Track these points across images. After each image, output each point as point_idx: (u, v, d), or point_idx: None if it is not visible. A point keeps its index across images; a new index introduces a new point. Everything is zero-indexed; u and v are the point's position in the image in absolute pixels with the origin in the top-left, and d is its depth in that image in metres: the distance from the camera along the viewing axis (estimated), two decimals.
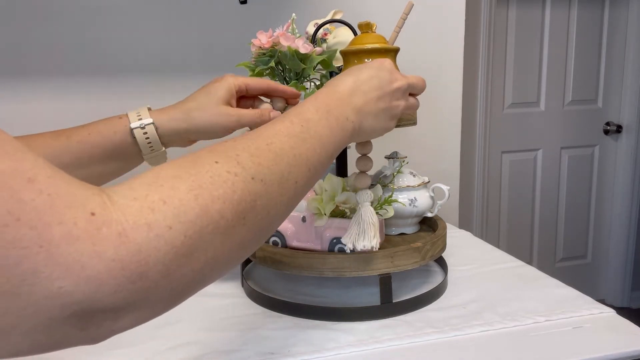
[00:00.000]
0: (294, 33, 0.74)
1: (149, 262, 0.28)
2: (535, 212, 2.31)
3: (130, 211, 0.28)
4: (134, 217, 0.28)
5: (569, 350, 0.57)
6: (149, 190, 0.30)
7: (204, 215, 0.31)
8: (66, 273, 0.25)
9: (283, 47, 0.68)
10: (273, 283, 0.79)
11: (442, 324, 0.63)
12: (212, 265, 0.32)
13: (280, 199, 0.38)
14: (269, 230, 0.39)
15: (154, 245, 0.28)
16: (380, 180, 0.82)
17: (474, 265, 0.83)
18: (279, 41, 0.68)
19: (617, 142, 2.33)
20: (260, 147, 0.38)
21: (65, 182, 0.27)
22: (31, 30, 0.96)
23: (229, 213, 0.33)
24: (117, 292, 0.26)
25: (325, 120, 0.46)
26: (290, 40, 0.68)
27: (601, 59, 2.25)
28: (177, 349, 0.60)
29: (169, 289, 0.30)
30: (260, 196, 0.36)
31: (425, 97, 1.22)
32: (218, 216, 0.32)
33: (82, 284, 0.25)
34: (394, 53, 0.68)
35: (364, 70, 0.53)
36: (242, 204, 0.34)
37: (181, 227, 0.29)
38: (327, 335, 0.62)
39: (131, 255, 0.27)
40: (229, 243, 0.33)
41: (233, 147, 0.37)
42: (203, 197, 0.31)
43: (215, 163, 0.34)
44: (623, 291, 2.42)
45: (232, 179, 0.34)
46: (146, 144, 0.58)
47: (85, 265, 0.25)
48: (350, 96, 0.50)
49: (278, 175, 0.38)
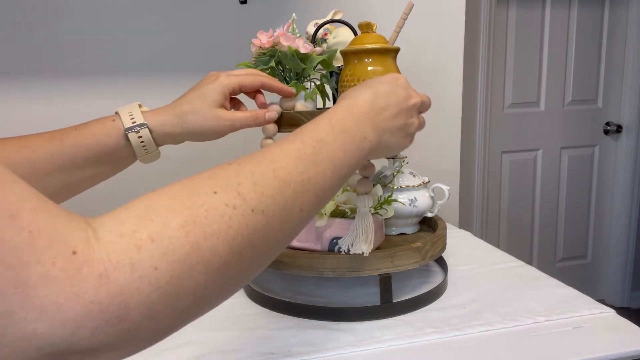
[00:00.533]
0: (294, 33, 0.74)
1: (129, 305, 0.26)
2: (535, 212, 2.31)
3: (114, 249, 0.26)
4: (118, 256, 0.26)
5: (569, 350, 0.57)
6: (138, 225, 0.28)
7: (194, 253, 0.29)
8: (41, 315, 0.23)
9: (283, 47, 0.68)
10: (273, 283, 0.79)
11: (442, 324, 0.63)
12: (199, 303, 0.31)
13: (282, 228, 0.36)
14: (267, 261, 0.37)
15: (137, 286, 0.26)
16: (380, 180, 0.82)
17: (474, 265, 0.83)
18: (279, 41, 0.68)
19: (617, 142, 2.33)
20: (266, 173, 0.36)
21: (50, 216, 0.25)
22: (31, 30, 0.96)
23: (222, 250, 0.31)
24: (95, 334, 0.25)
25: (340, 141, 0.43)
26: (291, 40, 0.68)
27: (601, 59, 2.25)
28: (177, 349, 0.60)
29: (152, 330, 0.28)
30: (259, 229, 0.33)
31: None
32: (210, 254, 0.30)
33: (57, 326, 0.24)
34: (394, 53, 0.68)
35: (381, 84, 0.51)
36: (238, 238, 0.32)
37: (168, 267, 0.28)
38: (327, 335, 0.62)
39: (111, 297, 0.25)
40: (221, 281, 0.31)
41: (236, 173, 0.34)
42: (195, 234, 0.29)
43: (213, 194, 0.32)
44: (623, 291, 2.42)
45: (229, 212, 0.31)
46: (140, 147, 0.57)
47: (61, 308, 0.24)
48: (369, 112, 0.48)
49: (282, 204, 0.35)
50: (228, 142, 0.71)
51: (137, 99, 0.61)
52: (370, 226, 0.63)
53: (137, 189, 0.48)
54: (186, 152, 0.79)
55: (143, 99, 0.62)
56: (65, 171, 0.54)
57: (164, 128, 0.58)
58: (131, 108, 0.58)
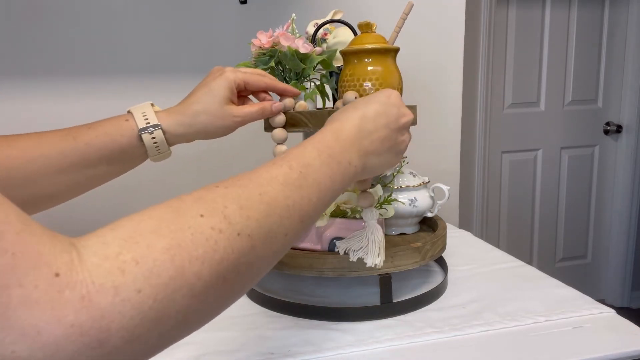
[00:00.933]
0: (294, 33, 0.74)
1: (111, 329, 0.26)
2: (535, 212, 2.31)
3: (98, 272, 0.26)
4: (101, 279, 0.26)
5: (569, 350, 0.57)
6: (123, 247, 0.28)
7: (178, 277, 0.29)
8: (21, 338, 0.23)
9: (283, 47, 0.68)
10: (273, 283, 0.79)
11: (442, 324, 0.63)
12: (181, 327, 0.30)
13: (267, 252, 0.36)
14: (250, 285, 0.36)
15: (119, 310, 0.26)
16: (380, 180, 0.82)
17: (474, 265, 0.83)
18: (279, 41, 0.68)
19: (617, 142, 2.33)
20: (252, 197, 0.36)
21: (34, 237, 0.25)
22: (31, 30, 0.96)
23: (207, 274, 0.30)
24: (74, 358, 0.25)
25: (326, 167, 0.43)
26: (290, 40, 0.68)
27: (601, 59, 2.25)
28: (177, 349, 0.60)
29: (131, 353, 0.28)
30: (244, 253, 0.33)
31: (425, 97, 1.22)
32: (194, 278, 0.30)
33: (37, 349, 0.24)
34: (393, 53, 0.68)
35: (371, 104, 0.51)
36: (223, 263, 0.31)
37: (151, 291, 0.27)
38: (327, 335, 0.62)
39: (92, 320, 0.25)
40: (204, 304, 0.31)
41: (223, 196, 0.34)
42: (180, 258, 0.29)
43: (200, 216, 0.32)
44: (623, 291, 2.42)
45: (215, 236, 0.31)
46: (153, 147, 0.57)
47: (41, 331, 0.24)
48: (356, 138, 0.48)
49: (267, 228, 0.36)
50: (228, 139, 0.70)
51: (137, 99, 0.61)
52: (381, 238, 0.62)
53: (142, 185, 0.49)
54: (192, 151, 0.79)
55: (143, 99, 0.62)
56: (77, 169, 0.55)
57: (177, 129, 0.58)
58: (144, 108, 0.58)
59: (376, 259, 0.61)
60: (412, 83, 1.16)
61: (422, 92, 1.17)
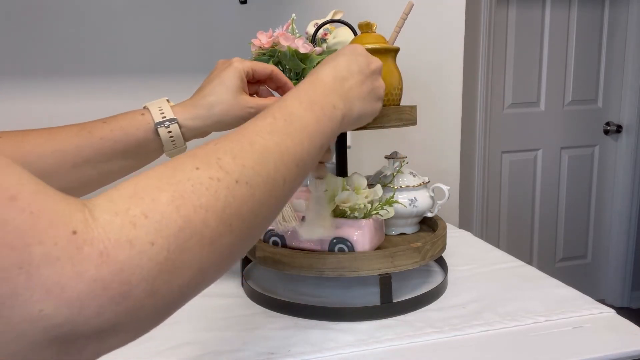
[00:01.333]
0: (294, 33, 0.74)
1: (131, 282, 0.26)
2: (535, 212, 2.31)
3: (111, 227, 0.27)
4: (115, 234, 0.27)
5: (569, 350, 0.57)
6: (130, 203, 0.28)
7: (186, 227, 0.30)
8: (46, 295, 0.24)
9: (283, 47, 0.68)
10: (273, 283, 0.79)
11: (442, 324, 0.63)
12: (199, 278, 0.31)
13: (269, 200, 0.37)
14: (258, 233, 0.38)
15: (137, 263, 0.27)
16: (380, 180, 0.82)
17: (474, 265, 0.83)
18: (278, 41, 0.68)
19: (617, 142, 2.33)
20: (243, 147, 0.37)
21: (49, 197, 0.26)
22: (31, 30, 0.96)
23: (213, 222, 0.31)
24: (100, 314, 0.25)
25: (310, 112, 0.44)
26: (290, 40, 0.68)
27: (601, 59, 2.25)
28: (177, 349, 0.60)
29: (155, 307, 0.28)
30: (246, 200, 0.34)
31: (425, 97, 1.22)
32: (202, 227, 0.31)
33: (63, 306, 0.24)
34: (394, 53, 0.68)
35: (340, 57, 0.52)
36: (227, 210, 0.32)
37: (163, 242, 0.28)
38: (327, 335, 0.62)
39: (113, 274, 0.26)
40: (216, 253, 0.32)
41: (214, 150, 0.35)
42: (185, 208, 0.30)
43: (196, 169, 0.33)
44: (623, 291, 2.42)
45: (214, 185, 0.32)
46: (169, 141, 0.57)
47: (65, 287, 0.24)
48: (333, 83, 0.49)
49: (264, 175, 0.36)
50: None
51: (137, 99, 0.61)
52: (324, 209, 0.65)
53: None
54: None
55: (143, 99, 0.62)
56: (92, 164, 0.54)
57: (193, 122, 0.58)
58: (160, 103, 0.58)
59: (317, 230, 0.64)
60: (412, 83, 1.16)
61: (422, 92, 1.17)
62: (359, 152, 1.12)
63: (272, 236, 0.73)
